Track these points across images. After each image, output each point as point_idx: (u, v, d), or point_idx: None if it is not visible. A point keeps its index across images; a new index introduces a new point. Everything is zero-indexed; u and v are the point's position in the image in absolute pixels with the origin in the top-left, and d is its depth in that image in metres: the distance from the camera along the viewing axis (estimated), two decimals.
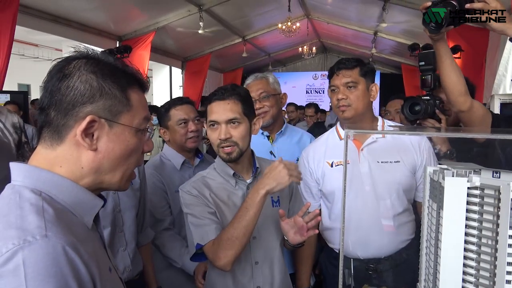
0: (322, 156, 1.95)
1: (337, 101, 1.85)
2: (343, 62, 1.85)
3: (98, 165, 0.86)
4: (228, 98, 1.54)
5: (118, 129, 0.88)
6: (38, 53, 13.06)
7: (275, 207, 1.65)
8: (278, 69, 15.25)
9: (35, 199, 0.78)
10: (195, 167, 2.21)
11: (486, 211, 1.13)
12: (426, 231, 1.38)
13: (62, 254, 0.70)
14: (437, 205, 1.23)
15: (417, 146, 1.87)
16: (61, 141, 0.84)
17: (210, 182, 1.62)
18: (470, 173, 1.19)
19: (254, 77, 2.37)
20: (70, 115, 0.83)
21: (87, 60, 0.87)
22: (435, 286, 1.22)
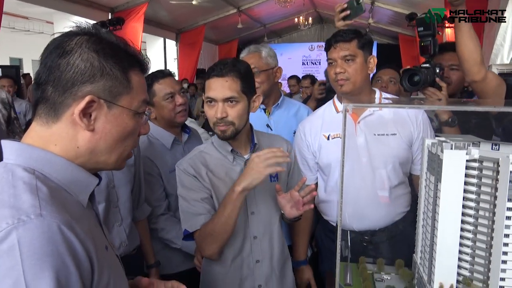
0: (319, 129, 1.94)
1: (335, 74, 1.81)
2: (340, 35, 1.81)
3: (94, 145, 0.85)
4: (227, 75, 1.48)
5: (116, 111, 0.86)
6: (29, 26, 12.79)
7: (273, 182, 1.64)
8: (274, 41, 15.04)
9: (28, 177, 0.76)
10: (184, 143, 2.12)
11: (484, 184, 1.12)
12: (424, 204, 1.38)
13: (57, 232, 0.69)
14: (435, 178, 1.23)
15: (414, 118, 1.85)
16: (57, 119, 0.82)
17: (207, 158, 1.60)
18: (469, 145, 1.18)
19: (247, 51, 2.30)
20: (69, 93, 0.81)
21: (89, 37, 0.84)
22: (432, 258, 1.23)
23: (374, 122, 1.83)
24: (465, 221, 1.17)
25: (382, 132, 1.82)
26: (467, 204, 1.16)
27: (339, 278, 1.23)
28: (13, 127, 2.43)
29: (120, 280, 0.88)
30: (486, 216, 1.12)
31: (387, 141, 1.81)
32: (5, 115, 2.35)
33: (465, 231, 1.17)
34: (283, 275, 1.67)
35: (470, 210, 1.16)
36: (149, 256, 1.92)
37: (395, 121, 1.84)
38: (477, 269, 1.15)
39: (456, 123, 1.89)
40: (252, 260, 1.59)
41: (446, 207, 1.17)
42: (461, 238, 1.18)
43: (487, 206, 1.12)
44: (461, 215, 1.17)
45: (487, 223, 1.12)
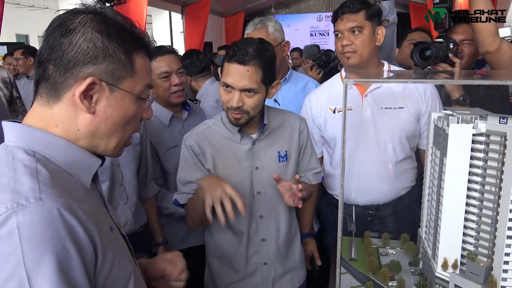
0: (325, 102, 1.90)
1: (342, 47, 1.76)
2: (347, 5, 1.75)
3: (95, 129, 0.83)
4: (249, 64, 1.40)
5: (118, 94, 0.83)
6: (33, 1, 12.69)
7: (281, 163, 1.61)
8: (281, 11, 14.75)
9: (28, 160, 0.75)
10: (184, 120, 2.07)
11: (491, 158, 1.10)
12: (429, 178, 1.36)
13: (57, 216, 0.68)
14: (440, 152, 1.20)
15: (423, 92, 1.80)
16: (58, 99, 0.80)
17: (215, 135, 1.58)
18: (476, 119, 1.15)
19: (253, 26, 2.20)
20: (70, 73, 0.78)
21: (94, 16, 0.81)
22: (436, 233, 1.22)
23: (381, 95, 1.79)
24: (471, 196, 1.15)
25: (390, 106, 1.78)
26: (473, 179, 1.14)
27: (340, 252, 1.22)
28: (16, 106, 2.42)
29: (125, 261, 0.88)
30: (492, 191, 1.10)
31: (394, 114, 1.77)
32: (6, 95, 2.33)
33: (470, 206, 1.16)
34: (289, 253, 1.67)
35: (476, 185, 1.14)
36: (156, 234, 1.93)
37: (403, 94, 1.79)
38: (482, 244, 1.14)
39: (467, 101, 1.83)
40: (257, 238, 1.59)
41: (451, 182, 1.15)
42: (466, 214, 1.16)
43: (494, 181, 1.10)
44: (467, 190, 1.15)
45: (493, 198, 1.10)
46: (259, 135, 1.56)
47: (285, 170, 1.60)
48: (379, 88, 1.80)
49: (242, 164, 1.55)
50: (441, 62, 1.84)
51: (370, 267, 1.42)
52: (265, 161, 1.57)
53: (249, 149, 1.56)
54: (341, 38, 1.77)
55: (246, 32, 2.25)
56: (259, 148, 1.57)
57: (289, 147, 1.61)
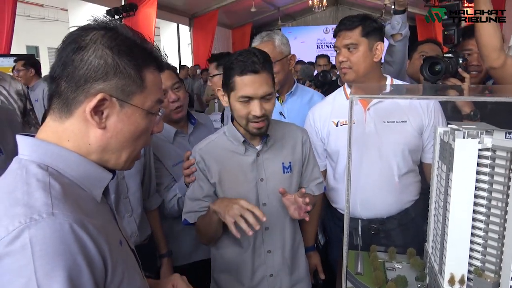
0: (328, 115, 1.92)
1: (339, 63, 1.82)
2: (344, 23, 1.79)
3: (106, 143, 0.84)
4: (261, 71, 1.44)
5: (129, 110, 0.84)
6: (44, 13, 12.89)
7: (286, 174, 1.63)
8: (288, 24, 14.86)
9: (41, 174, 0.76)
10: (190, 135, 2.04)
11: (497, 173, 1.10)
12: (435, 193, 1.36)
13: (69, 232, 0.69)
14: (446, 167, 1.20)
15: (425, 106, 1.81)
16: (69, 115, 0.81)
17: (218, 148, 1.60)
18: (482, 133, 1.15)
19: (260, 39, 2.23)
20: (81, 89, 0.80)
21: (105, 32, 0.82)
22: (443, 248, 1.22)
23: (384, 109, 1.80)
24: (477, 211, 1.15)
25: (392, 120, 1.79)
26: (479, 194, 1.14)
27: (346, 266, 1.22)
28: (29, 118, 2.47)
29: (135, 275, 0.88)
30: (499, 206, 1.10)
31: (396, 128, 1.78)
32: (20, 107, 2.38)
33: (477, 221, 1.15)
34: (295, 265, 1.67)
35: (483, 200, 1.13)
36: (161, 245, 1.91)
37: (405, 108, 1.80)
38: (489, 259, 1.13)
39: (478, 116, 1.82)
40: (263, 250, 1.59)
41: (457, 197, 1.15)
42: (473, 229, 1.16)
43: (500, 196, 1.09)
44: (473, 205, 1.15)
45: (500, 214, 1.09)
46: (262, 147, 1.59)
47: (289, 181, 1.63)
48: (381, 102, 1.81)
49: (247, 176, 1.57)
50: (451, 77, 1.84)
51: (376, 281, 1.41)
52: (269, 173, 1.59)
53: (253, 161, 1.58)
54: (339, 54, 1.81)
55: (253, 45, 2.27)
56: (263, 159, 1.59)
57: (292, 158, 1.64)
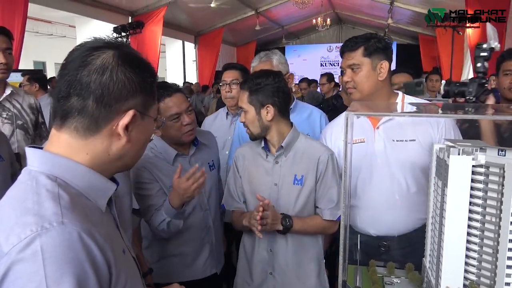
0: (339, 134, 1.93)
1: (345, 83, 1.86)
2: (346, 44, 1.82)
3: (125, 152, 0.89)
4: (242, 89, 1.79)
5: (147, 121, 0.92)
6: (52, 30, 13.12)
7: (295, 185, 1.78)
8: (292, 42, 15.06)
9: (51, 185, 0.79)
10: (191, 156, 2.03)
11: (490, 189, 1.13)
12: (432, 208, 1.39)
13: (78, 240, 0.73)
14: (442, 182, 1.24)
15: (436, 123, 1.81)
16: (96, 132, 0.84)
17: (251, 150, 1.89)
18: (477, 150, 1.19)
19: (259, 59, 2.35)
20: (114, 108, 0.84)
21: (118, 51, 0.86)
22: (439, 262, 1.24)
23: (393, 127, 1.82)
24: (472, 226, 1.17)
25: (401, 138, 1.79)
26: (473, 209, 1.17)
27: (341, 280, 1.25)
28: (41, 131, 2.53)
29: (137, 282, 0.92)
30: (493, 221, 1.12)
31: (405, 147, 1.79)
32: (32, 120, 2.45)
33: (471, 236, 1.18)
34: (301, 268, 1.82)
35: (477, 215, 1.16)
36: (142, 264, 1.89)
37: (415, 126, 1.81)
38: (483, 273, 1.16)
39: None
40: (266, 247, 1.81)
41: (452, 212, 1.18)
42: (467, 243, 1.18)
43: (494, 212, 1.12)
44: (468, 220, 1.17)
45: (494, 228, 1.12)
46: (277, 155, 1.80)
47: (298, 193, 1.77)
48: (391, 120, 1.83)
49: (264, 178, 1.82)
50: None
51: None
52: (282, 180, 1.79)
53: (272, 166, 1.81)
54: (344, 74, 1.86)
55: (252, 65, 2.36)
56: (280, 167, 1.79)
57: (306, 173, 1.78)
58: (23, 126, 2.39)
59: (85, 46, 0.86)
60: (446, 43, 7.51)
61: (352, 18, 13.17)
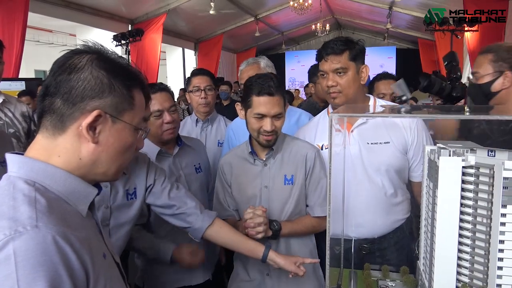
0: (313, 139, 1.94)
1: (327, 87, 1.81)
2: (331, 46, 1.78)
3: (97, 157, 0.89)
4: (276, 94, 1.69)
5: (119, 126, 0.90)
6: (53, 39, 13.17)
7: (287, 185, 1.79)
8: (292, 48, 15.11)
9: (28, 190, 0.80)
10: (174, 155, 2.05)
11: (481, 190, 1.12)
12: (425, 211, 1.38)
13: (52, 243, 0.72)
14: (433, 184, 1.23)
15: (408, 125, 1.82)
16: (63, 131, 0.86)
17: (238, 156, 1.88)
18: (467, 152, 1.19)
19: (246, 63, 2.39)
20: (78, 107, 0.85)
21: (97, 55, 0.89)
22: (431, 264, 1.24)
23: (367, 130, 1.82)
24: (463, 228, 1.17)
25: (375, 141, 1.80)
26: (465, 210, 1.16)
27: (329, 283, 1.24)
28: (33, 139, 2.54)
29: (118, 287, 0.92)
30: (484, 222, 1.12)
31: (380, 149, 1.80)
32: (25, 128, 2.45)
33: (463, 237, 1.17)
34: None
35: (468, 217, 1.16)
36: None
37: (388, 128, 1.82)
38: (476, 275, 1.15)
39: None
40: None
41: (443, 213, 1.17)
42: (459, 245, 1.18)
43: (485, 213, 1.12)
44: (459, 222, 1.17)
45: (485, 230, 1.12)
46: (267, 158, 1.81)
47: (290, 192, 1.79)
48: (364, 123, 1.84)
49: (254, 181, 1.82)
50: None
51: None
52: (273, 182, 1.80)
53: (260, 169, 1.82)
54: (327, 78, 1.82)
55: (240, 68, 2.41)
56: (269, 169, 1.81)
57: (295, 172, 1.80)
58: (15, 135, 2.40)
59: (71, 51, 0.89)
60: (445, 47, 7.52)
61: (352, 24, 13.21)
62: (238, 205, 1.87)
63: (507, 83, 1.86)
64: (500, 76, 1.88)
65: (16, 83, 5.16)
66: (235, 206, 1.88)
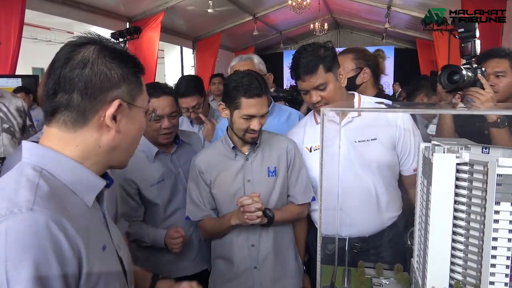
0: (301, 141, 1.94)
1: (313, 104, 1.81)
2: (302, 67, 1.74)
3: (117, 144, 0.92)
4: (263, 95, 1.72)
5: (135, 111, 0.94)
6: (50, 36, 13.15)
7: (270, 177, 1.83)
8: (290, 47, 15.07)
9: (32, 175, 0.81)
10: (173, 154, 2.08)
11: (475, 187, 1.12)
12: (419, 208, 1.38)
13: (44, 228, 0.73)
14: (427, 181, 1.23)
15: (394, 121, 1.82)
16: (84, 124, 0.87)
17: (216, 153, 1.87)
18: (462, 149, 1.18)
19: (239, 59, 2.38)
20: (98, 100, 0.87)
21: (100, 46, 0.90)
22: (425, 262, 1.23)
23: (354, 128, 1.83)
24: (457, 225, 1.16)
25: (363, 139, 1.81)
26: (458, 207, 1.16)
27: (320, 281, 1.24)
28: (28, 134, 2.53)
29: (114, 280, 0.91)
30: (478, 219, 1.11)
31: (367, 147, 1.80)
32: (20, 123, 2.44)
33: (457, 234, 1.17)
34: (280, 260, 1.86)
35: (462, 214, 1.15)
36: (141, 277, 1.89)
37: (374, 125, 1.82)
38: (469, 273, 1.14)
39: (506, 124, 1.76)
40: (248, 244, 1.83)
41: (437, 210, 1.17)
42: (453, 242, 1.17)
43: (478, 210, 1.11)
44: (453, 219, 1.16)
45: (479, 227, 1.11)
46: (249, 152, 1.84)
47: (274, 184, 1.83)
48: (351, 122, 1.84)
49: (236, 177, 1.83)
50: (470, 86, 1.80)
51: None
52: (256, 175, 1.82)
53: (242, 164, 1.83)
54: (309, 95, 1.80)
55: (232, 64, 2.41)
56: (251, 163, 1.83)
57: (278, 164, 1.85)
58: (9, 130, 2.39)
59: (69, 44, 0.90)
60: (443, 47, 7.53)
61: (350, 23, 13.19)
62: (220, 203, 1.87)
63: (366, 77, 2.37)
64: (360, 72, 2.37)
65: (13, 80, 5.16)
66: (213, 205, 1.88)
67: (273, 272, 1.82)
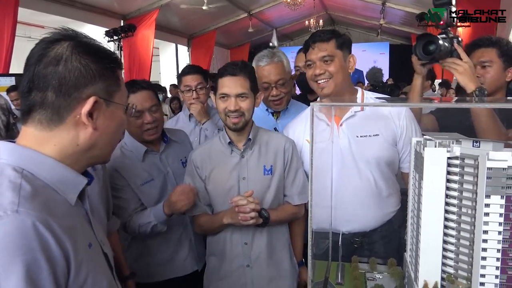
0: (302, 134, 1.94)
1: (315, 76, 1.80)
2: (318, 35, 1.79)
3: (95, 141, 0.90)
4: (239, 75, 1.71)
5: (113, 108, 0.92)
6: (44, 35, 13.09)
7: (266, 175, 1.80)
8: (286, 44, 15.08)
9: (14, 176, 0.80)
10: (161, 153, 2.03)
11: (466, 181, 1.12)
12: (411, 202, 1.38)
13: (31, 229, 0.73)
14: (418, 175, 1.23)
15: (397, 117, 1.80)
16: (60, 122, 0.86)
17: (212, 149, 1.85)
18: (453, 143, 1.19)
19: (269, 60, 2.26)
20: (73, 97, 0.85)
21: (75, 42, 0.88)
22: (417, 256, 1.24)
23: (356, 123, 1.82)
24: (449, 219, 1.17)
25: (364, 134, 1.80)
26: (450, 201, 1.16)
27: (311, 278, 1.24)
28: (12, 132, 2.49)
29: (101, 277, 0.91)
30: (469, 213, 1.12)
31: (369, 142, 1.79)
32: (4, 121, 2.41)
33: (449, 228, 1.17)
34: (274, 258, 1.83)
35: (453, 208, 1.16)
36: (123, 268, 1.86)
37: (377, 121, 1.81)
38: (461, 266, 1.15)
39: (485, 93, 1.65)
40: (241, 241, 1.80)
41: (428, 204, 1.17)
42: (445, 236, 1.18)
43: (469, 203, 1.12)
44: (445, 213, 1.17)
45: (470, 220, 1.12)
46: (245, 149, 1.80)
47: (269, 182, 1.80)
48: (353, 116, 1.83)
49: (231, 174, 1.80)
50: (446, 57, 1.72)
51: None
52: (251, 173, 1.80)
53: (237, 161, 1.80)
54: (314, 67, 1.80)
55: (259, 64, 2.28)
56: (247, 161, 1.80)
57: (274, 162, 1.82)
58: None
59: (44, 40, 0.88)
60: None
61: (345, 19, 13.20)
62: (214, 199, 1.84)
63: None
64: None
65: (6, 79, 5.14)
66: (208, 201, 1.86)
67: (266, 272, 1.80)
